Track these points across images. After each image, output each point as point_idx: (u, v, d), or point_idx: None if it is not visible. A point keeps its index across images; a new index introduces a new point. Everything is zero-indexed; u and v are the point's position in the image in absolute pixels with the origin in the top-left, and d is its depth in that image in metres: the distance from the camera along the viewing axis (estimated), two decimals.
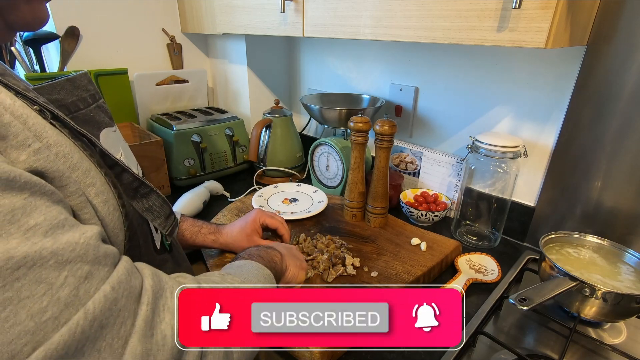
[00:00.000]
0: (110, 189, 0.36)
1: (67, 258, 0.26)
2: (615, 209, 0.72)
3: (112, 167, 0.39)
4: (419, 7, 0.60)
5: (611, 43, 0.65)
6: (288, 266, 0.56)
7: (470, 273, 0.72)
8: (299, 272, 0.58)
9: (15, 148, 0.28)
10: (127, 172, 0.41)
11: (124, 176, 0.41)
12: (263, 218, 0.72)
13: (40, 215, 0.26)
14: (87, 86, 0.43)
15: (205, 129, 1.08)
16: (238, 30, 0.97)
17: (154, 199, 0.44)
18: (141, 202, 0.43)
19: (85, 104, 0.42)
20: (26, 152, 0.28)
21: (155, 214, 0.45)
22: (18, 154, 0.28)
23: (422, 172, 0.99)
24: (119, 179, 0.40)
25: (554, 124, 0.77)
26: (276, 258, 0.53)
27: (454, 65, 0.89)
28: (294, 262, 0.58)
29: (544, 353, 0.58)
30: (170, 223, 0.47)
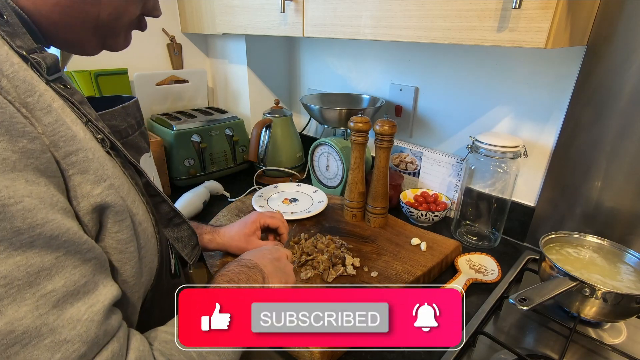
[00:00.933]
0: (149, 217, 0.38)
1: (64, 337, 0.25)
2: (615, 209, 0.72)
3: (152, 197, 0.41)
4: (419, 7, 0.60)
5: (611, 43, 0.65)
6: None
7: (470, 273, 0.72)
8: None
9: (92, 182, 0.29)
10: (166, 203, 0.43)
11: (162, 206, 0.43)
12: (263, 219, 0.71)
13: (61, 279, 0.25)
14: (136, 113, 0.45)
15: (205, 129, 1.08)
16: (238, 30, 0.97)
17: (185, 229, 0.47)
18: (173, 232, 0.46)
19: (133, 131, 0.44)
20: (101, 187, 0.30)
21: (184, 244, 0.47)
22: (92, 188, 0.29)
23: (422, 172, 0.99)
24: (157, 208, 0.42)
25: (554, 124, 0.77)
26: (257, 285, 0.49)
27: (454, 65, 0.89)
28: (278, 279, 0.53)
29: (544, 353, 0.58)
30: (195, 253, 0.49)
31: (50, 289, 0.25)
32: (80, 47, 0.37)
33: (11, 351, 0.22)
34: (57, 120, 0.29)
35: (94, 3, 0.33)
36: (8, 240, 0.23)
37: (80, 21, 0.34)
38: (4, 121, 0.24)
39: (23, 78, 0.27)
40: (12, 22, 0.30)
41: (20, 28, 0.30)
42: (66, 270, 0.26)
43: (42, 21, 0.33)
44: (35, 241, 0.24)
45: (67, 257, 0.26)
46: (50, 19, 0.33)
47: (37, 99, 0.28)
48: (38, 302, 0.24)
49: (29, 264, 0.24)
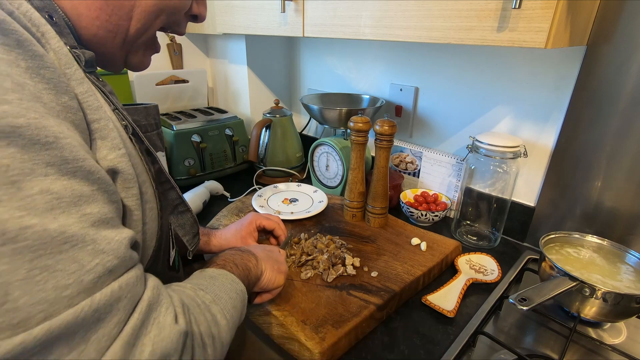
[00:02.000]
0: (156, 201, 0.41)
1: (102, 248, 0.29)
2: (615, 209, 0.72)
3: (162, 184, 0.45)
4: (419, 7, 0.60)
5: (611, 43, 0.65)
6: (264, 270, 0.54)
7: (470, 273, 0.72)
8: (276, 275, 0.56)
9: (109, 148, 0.34)
10: (174, 190, 0.47)
11: (170, 193, 0.47)
12: (259, 220, 0.72)
13: (96, 207, 0.29)
14: (155, 115, 0.51)
15: (205, 129, 1.08)
16: (238, 30, 0.97)
17: (188, 217, 0.50)
18: (177, 218, 0.50)
19: (152, 129, 0.49)
20: (115, 153, 0.34)
21: (186, 231, 0.51)
22: (108, 153, 0.34)
23: (422, 172, 0.99)
24: (165, 195, 0.47)
25: (554, 124, 0.77)
26: (250, 264, 0.52)
27: (454, 65, 0.89)
28: (272, 266, 0.56)
29: (544, 353, 0.58)
30: (195, 241, 0.53)
31: (89, 212, 0.29)
32: (109, 61, 0.42)
33: (64, 247, 0.26)
34: (87, 91, 0.33)
35: (127, 19, 0.38)
36: (58, 166, 0.27)
37: (113, 35, 0.39)
38: (54, 78, 0.29)
39: (66, 53, 0.33)
40: (59, 24, 0.35)
41: (65, 29, 0.35)
42: (99, 203, 0.30)
43: (82, 32, 0.37)
44: (77, 172, 0.28)
45: (99, 193, 0.30)
46: (89, 31, 0.37)
47: (73, 71, 0.33)
48: (81, 218, 0.28)
49: (73, 188, 0.28)
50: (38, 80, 0.28)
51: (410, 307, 0.65)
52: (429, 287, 0.70)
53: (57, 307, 0.25)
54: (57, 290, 0.25)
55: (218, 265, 0.48)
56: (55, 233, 0.26)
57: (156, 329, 0.31)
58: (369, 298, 0.61)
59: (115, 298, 0.28)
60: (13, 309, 0.24)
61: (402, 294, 0.64)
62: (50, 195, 0.26)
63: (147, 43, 0.43)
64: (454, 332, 0.60)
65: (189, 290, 0.40)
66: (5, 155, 0.24)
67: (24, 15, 0.30)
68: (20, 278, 0.24)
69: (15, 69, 0.27)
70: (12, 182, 0.25)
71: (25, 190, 0.25)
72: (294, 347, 0.55)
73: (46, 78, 0.29)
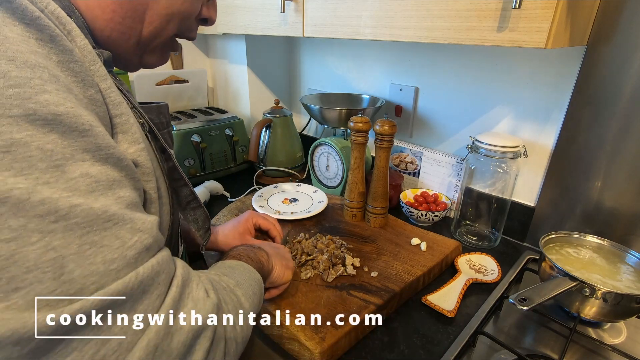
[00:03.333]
0: (169, 196, 0.43)
1: (139, 227, 0.30)
2: (615, 209, 0.72)
3: (176, 180, 0.47)
4: (419, 7, 0.60)
5: (611, 43, 0.65)
6: (274, 266, 0.56)
7: (470, 273, 0.72)
8: (284, 271, 0.58)
9: (129, 142, 0.35)
10: (187, 187, 0.49)
11: (184, 190, 0.49)
12: (255, 218, 0.72)
13: (127, 192, 0.31)
14: (166, 114, 0.52)
15: (205, 129, 1.08)
16: (238, 30, 0.97)
17: (201, 213, 0.52)
18: (190, 214, 0.51)
19: (163, 128, 0.50)
20: (135, 147, 0.35)
21: (199, 226, 0.53)
22: (128, 147, 0.35)
23: (422, 172, 0.99)
24: (178, 192, 0.48)
25: (554, 124, 0.77)
26: (263, 259, 0.54)
27: (454, 65, 0.89)
28: (280, 262, 0.58)
29: (544, 353, 0.58)
30: (207, 236, 0.55)
31: (121, 195, 0.30)
32: (124, 62, 0.43)
33: (107, 225, 0.28)
34: (110, 87, 0.35)
35: (139, 21, 0.40)
36: (92, 152, 0.29)
37: (126, 37, 0.40)
38: (81, 72, 0.31)
39: (90, 51, 0.34)
40: (78, 24, 0.36)
41: (84, 30, 0.36)
42: (127, 189, 0.31)
43: (96, 34, 0.38)
44: (109, 158, 0.30)
45: (127, 179, 0.32)
46: (103, 34, 0.39)
47: (97, 68, 0.34)
48: (117, 200, 0.30)
49: (106, 173, 0.29)
50: (68, 74, 0.30)
51: (410, 307, 0.65)
52: (429, 287, 0.70)
53: (106, 279, 0.27)
54: (105, 263, 0.27)
55: (234, 258, 0.50)
56: (99, 212, 0.28)
57: (191, 302, 0.33)
58: (369, 298, 0.61)
59: (156, 272, 0.30)
60: (69, 280, 0.25)
61: (402, 294, 0.64)
62: (90, 179, 0.28)
63: (165, 45, 0.44)
64: (454, 332, 0.60)
65: (213, 275, 0.41)
66: (48, 141, 0.26)
67: (52, 14, 0.32)
68: (73, 252, 0.26)
69: (50, 62, 0.28)
70: (57, 166, 0.26)
71: (69, 173, 0.27)
72: (294, 347, 0.55)
73: (75, 72, 0.30)
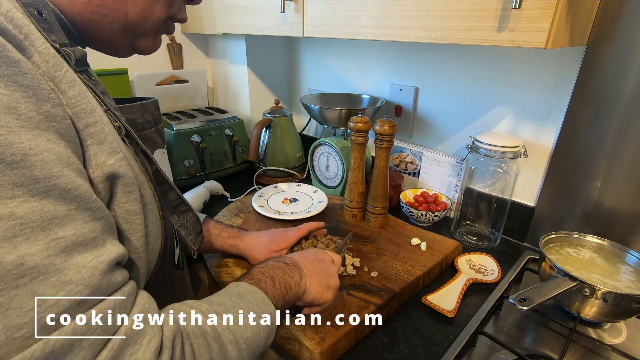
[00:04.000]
0: (156, 202, 0.40)
1: (69, 279, 0.26)
2: (615, 209, 0.72)
3: (161, 184, 0.44)
4: (419, 7, 0.60)
5: (611, 43, 0.65)
6: (308, 287, 0.50)
7: (470, 273, 0.72)
8: (323, 292, 0.52)
9: (107, 153, 0.32)
10: (173, 190, 0.46)
11: (170, 194, 0.46)
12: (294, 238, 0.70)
13: (71, 229, 0.27)
14: (154, 112, 0.49)
15: (205, 129, 1.08)
16: (238, 30, 0.97)
17: (190, 217, 0.50)
18: (178, 218, 0.49)
19: (149, 126, 0.47)
20: (114, 158, 0.33)
21: (189, 230, 0.50)
22: (107, 158, 0.32)
23: (422, 172, 0.99)
24: (164, 196, 0.46)
25: (554, 124, 0.77)
26: (292, 281, 0.48)
27: (454, 65, 0.89)
28: (319, 281, 0.52)
29: (544, 353, 0.57)
30: (199, 240, 0.52)
31: (60, 235, 0.26)
32: (113, 47, 0.40)
33: (20, 282, 0.24)
34: (80, 94, 0.31)
35: (121, 2, 0.36)
36: (26, 186, 0.25)
37: (109, 20, 0.37)
38: (33, 85, 0.27)
39: (53, 55, 0.30)
40: (50, 20, 0.33)
41: (56, 26, 0.34)
42: (77, 223, 0.28)
43: (76, 19, 0.36)
44: (51, 191, 0.26)
45: (78, 212, 0.28)
46: (83, 17, 0.36)
47: (63, 74, 0.31)
48: (49, 244, 0.26)
49: (43, 210, 0.26)
50: (15, 89, 0.26)
51: (410, 307, 0.65)
52: (429, 287, 0.70)
53: (6, 350, 0.23)
54: (7, 331, 0.23)
55: (253, 280, 0.45)
56: (11, 266, 0.24)
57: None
58: (369, 298, 0.61)
59: (77, 339, 0.26)
60: None
61: (402, 294, 0.64)
62: (12, 221, 0.24)
63: (158, 27, 0.41)
64: (454, 332, 0.60)
65: (200, 314, 0.36)
66: None
67: (5, 16, 0.28)
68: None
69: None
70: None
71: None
72: (294, 347, 0.55)
73: (24, 86, 0.26)
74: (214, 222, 0.70)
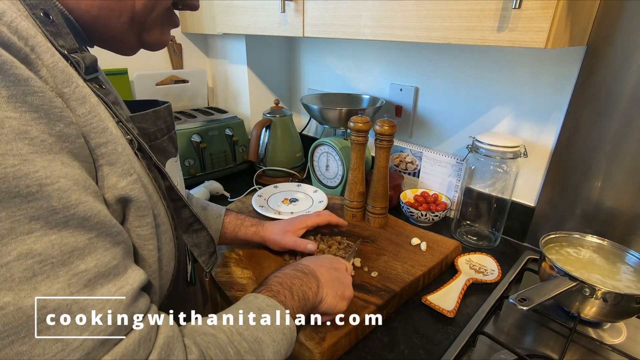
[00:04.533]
0: (169, 221, 0.38)
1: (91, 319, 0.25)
2: (615, 209, 0.72)
3: (174, 201, 0.42)
4: (419, 7, 0.60)
5: (611, 43, 0.65)
6: (324, 297, 0.50)
7: (470, 273, 0.72)
8: (337, 302, 0.51)
9: (119, 175, 0.30)
10: (187, 208, 0.44)
11: (184, 211, 0.44)
12: (310, 221, 0.71)
13: (93, 260, 0.26)
14: (167, 118, 0.46)
15: (205, 129, 1.08)
16: (238, 30, 0.97)
17: (204, 236, 0.47)
18: (191, 237, 0.46)
19: (162, 134, 0.44)
20: (127, 180, 0.31)
21: (202, 250, 0.48)
22: (118, 181, 0.30)
23: (422, 172, 0.99)
24: (177, 213, 0.43)
25: (554, 124, 0.77)
26: (310, 292, 0.47)
27: (454, 65, 0.89)
28: (334, 291, 0.51)
29: (544, 353, 0.57)
30: (212, 261, 0.50)
31: (82, 269, 0.25)
32: (120, 43, 0.39)
33: (42, 326, 0.23)
34: (91, 111, 0.29)
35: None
36: (45, 219, 0.23)
37: (117, 14, 0.35)
38: (44, 105, 0.25)
39: (62, 69, 0.28)
40: (57, 22, 0.31)
41: (64, 28, 0.32)
42: (98, 252, 0.26)
43: (83, 17, 0.34)
44: (70, 221, 0.25)
45: (99, 239, 0.27)
46: (90, 14, 0.34)
47: (73, 90, 0.28)
48: (70, 280, 0.24)
49: (63, 243, 0.24)
50: (24, 110, 0.24)
51: (410, 307, 0.65)
52: (429, 287, 0.70)
53: None
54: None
55: (271, 292, 0.43)
56: (31, 311, 0.22)
57: None
58: (369, 298, 0.61)
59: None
60: None
61: (402, 294, 0.64)
62: (31, 260, 0.23)
63: (162, 19, 0.40)
64: (454, 332, 0.60)
65: (223, 336, 0.35)
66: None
67: (9, 27, 0.25)
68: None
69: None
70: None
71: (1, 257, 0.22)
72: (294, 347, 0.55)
73: (34, 105, 0.24)
74: (235, 213, 0.72)
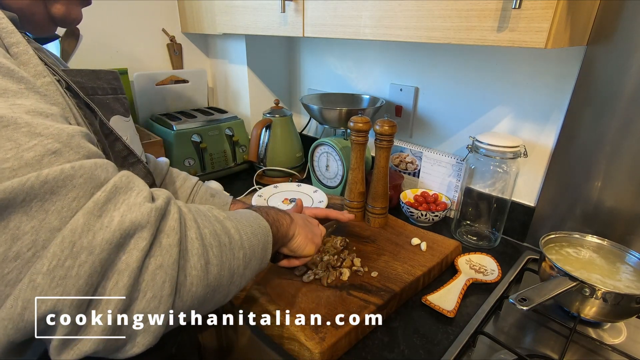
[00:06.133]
0: None
1: (39, 132, 0.28)
2: (615, 209, 0.72)
3: (107, 136, 0.44)
4: (419, 7, 0.60)
5: (611, 43, 0.65)
6: (296, 234, 0.54)
7: (470, 273, 0.72)
8: (307, 243, 0.55)
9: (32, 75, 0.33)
10: (119, 140, 0.46)
11: (117, 144, 0.46)
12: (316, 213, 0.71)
13: (28, 101, 0.29)
14: (112, 81, 0.48)
15: (205, 129, 1.08)
16: (238, 30, 0.97)
17: (140, 169, 0.49)
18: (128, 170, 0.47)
19: (104, 92, 0.47)
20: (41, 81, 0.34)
21: None
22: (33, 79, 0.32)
23: (422, 172, 0.99)
24: (111, 147, 0.45)
25: (554, 124, 0.77)
26: (283, 220, 0.51)
27: (454, 65, 0.89)
28: (305, 233, 0.55)
29: (544, 353, 0.58)
30: None
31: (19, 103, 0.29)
32: (31, 17, 0.41)
33: None
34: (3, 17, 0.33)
35: None
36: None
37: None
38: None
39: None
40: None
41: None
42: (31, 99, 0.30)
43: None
44: None
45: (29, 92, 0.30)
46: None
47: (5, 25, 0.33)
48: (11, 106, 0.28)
49: None
50: None
51: (410, 307, 0.65)
52: (429, 287, 0.70)
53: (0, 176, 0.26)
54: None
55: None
56: None
57: (126, 207, 0.30)
58: (369, 298, 0.61)
59: (68, 175, 0.28)
60: None
61: (402, 294, 0.64)
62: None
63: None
64: (454, 332, 0.60)
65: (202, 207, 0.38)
66: None
67: None
68: None
69: None
70: None
71: None
72: (294, 347, 0.55)
73: None
74: (242, 203, 0.73)
